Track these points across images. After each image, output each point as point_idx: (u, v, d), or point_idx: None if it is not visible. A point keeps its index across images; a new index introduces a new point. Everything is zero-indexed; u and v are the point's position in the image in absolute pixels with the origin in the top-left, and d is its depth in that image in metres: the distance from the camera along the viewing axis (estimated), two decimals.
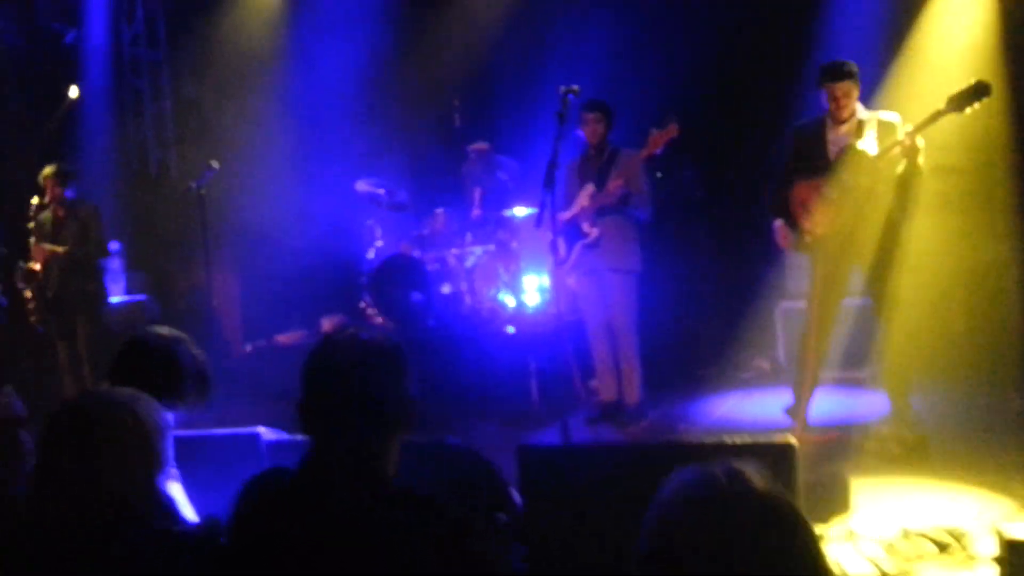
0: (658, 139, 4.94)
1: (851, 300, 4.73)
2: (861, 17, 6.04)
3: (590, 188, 5.24)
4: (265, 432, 3.58)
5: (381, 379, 1.66)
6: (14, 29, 7.65)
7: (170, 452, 1.88)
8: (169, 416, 1.89)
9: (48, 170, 5.97)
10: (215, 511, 1.95)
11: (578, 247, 5.25)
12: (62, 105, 7.92)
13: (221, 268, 7.65)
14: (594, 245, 5.20)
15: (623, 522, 2.49)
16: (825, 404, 4.65)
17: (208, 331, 5.51)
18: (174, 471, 2.44)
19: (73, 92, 8.02)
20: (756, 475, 1.12)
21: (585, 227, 5.24)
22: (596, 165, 5.30)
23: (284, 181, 7.55)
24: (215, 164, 5.20)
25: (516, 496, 3.12)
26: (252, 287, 8.02)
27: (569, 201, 5.35)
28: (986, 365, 5.62)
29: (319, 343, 1.70)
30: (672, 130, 4.89)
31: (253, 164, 7.53)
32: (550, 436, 4.94)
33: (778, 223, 4.57)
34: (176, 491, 2.38)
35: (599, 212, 5.19)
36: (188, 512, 2.38)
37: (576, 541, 2.62)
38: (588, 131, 5.23)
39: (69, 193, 5.98)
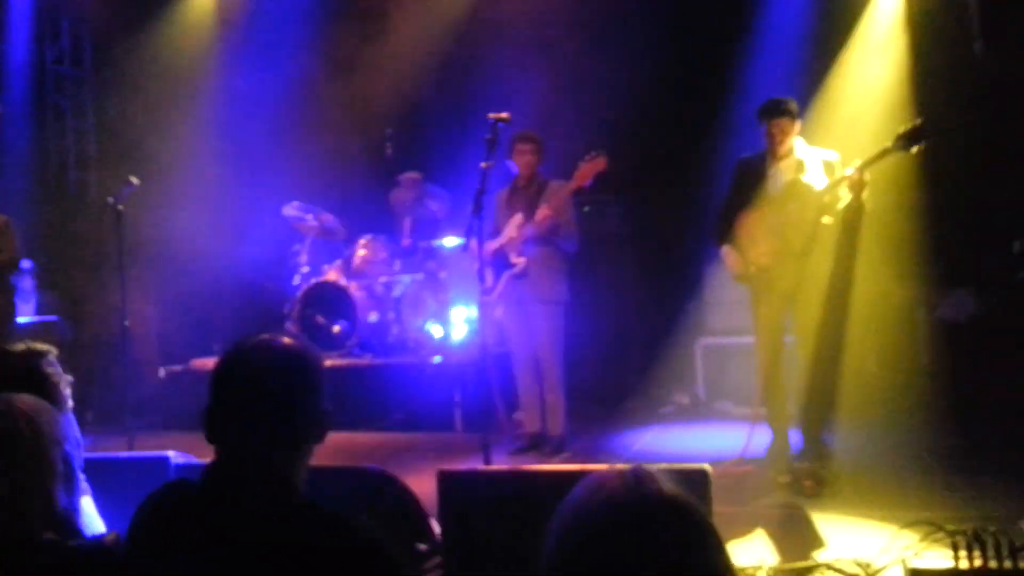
0: (586, 171, 4.99)
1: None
2: (782, 62, 6.27)
3: (519, 218, 5.27)
4: (175, 456, 3.48)
5: (293, 386, 1.60)
6: None
7: (75, 465, 1.80)
8: (72, 429, 1.82)
9: None
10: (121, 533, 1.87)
11: (505, 277, 5.27)
12: None
13: (138, 289, 7.41)
14: (521, 275, 5.22)
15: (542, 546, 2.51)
16: (740, 438, 4.71)
17: (121, 355, 5.30)
18: (85, 485, 2.35)
19: None
20: (663, 478, 1.10)
21: (513, 257, 5.26)
22: (526, 196, 5.33)
23: (208, 204, 7.40)
24: (135, 180, 5.06)
25: (435, 527, 3.08)
26: (170, 310, 7.79)
27: (497, 231, 5.37)
28: (896, 404, 5.81)
29: (231, 346, 1.64)
30: (599, 163, 4.96)
31: (176, 185, 7.36)
32: (472, 465, 4.89)
33: (725, 249, 4.58)
34: (86, 505, 2.29)
35: (527, 242, 5.22)
36: (96, 527, 2.28)
37: (496, 565, 2.60)
38: (520, 162, 5.28)
39: None
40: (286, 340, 1.66)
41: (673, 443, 5.45)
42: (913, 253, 6.06)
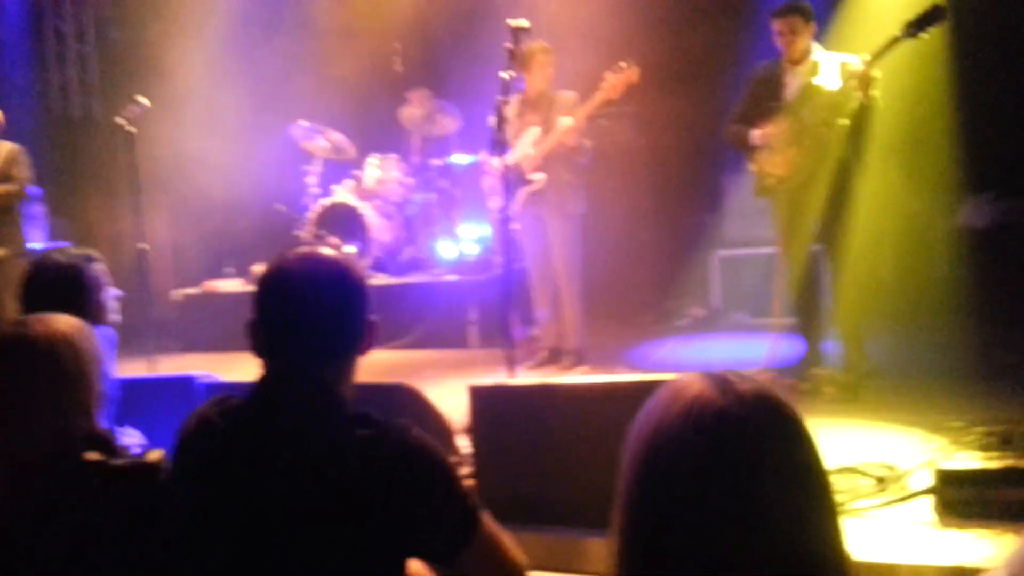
0: (617, 84, 4.79)
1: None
2: None
3: (536, 133, 5.13)
4: (200, 376, 3.49)
5: (339, 297, 1.58)
6: None
7: (109, 383, 1.80)
8: (107, 344, 1.81)
9: None
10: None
11: (523, 193, 5.15)
12: None
13: (151, 212, 7.38)
14: (540, 191, 5.11)
15: (579, 458, 2.52)
16: (758, 348, 4.70)
17: (136, 277, 5.29)
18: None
19: None
20: (743, 379, 1.05)
21: (530, 173, 5.14)
22: (539, 109, 5.16)
23: (217, 125, 7.27)
24: (144, 101, 4.95)
25: (460, 443, 3.11)
26: (183, 233, 7.75)
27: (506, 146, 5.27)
28: (913, 314, 5.80)
29: (280, 258, 1.60)
30: (632, 74, 4.75)
31: (183, 107, 7.22)
32: (493, 379, 4.92)
33: (754, 132, 4.43)
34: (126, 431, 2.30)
35: (546, 157, 5.08)
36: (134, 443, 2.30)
37: (527, 478, 2.62)
38: (541, 74, 5.09)
39: None
40: (326, 251, 1.64)
41: (692, 354, 5.47)
42: (933, 158, 5.94)
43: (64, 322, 1.72)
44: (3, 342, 1.66)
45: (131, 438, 2.35)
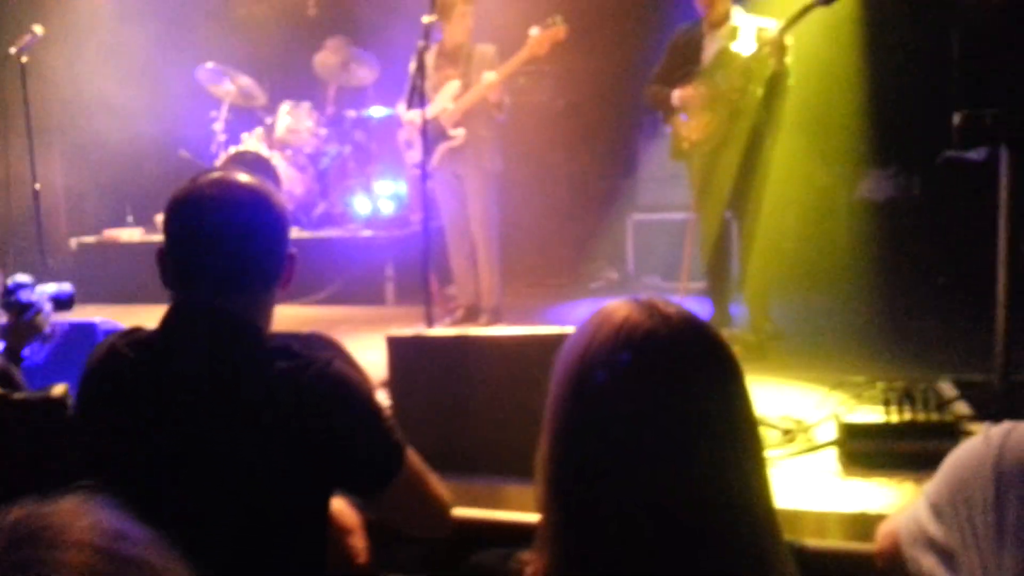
0: (543, 39, 4.69)
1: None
2: None
3: (455, 87, 5.03)
4: (101, 322, 3.35)
5: (257, 225, 1.49)
6: None
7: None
8: None
9: None
10: None
11: (442, 148, 5.05)
12: None
13: (45, 154, 6.95)
14: (458, 147, 5.01)
15: (496, 408, 2.52)
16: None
17: (29, 223, 5.00)
18: None
19: None
20: (669, 304, 1.06)
21: (450, 129, 5.03)
22: (457, 62, 5.03)
23: (117, 62, 6.87)
24: (39, 30, 4.64)
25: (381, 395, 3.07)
26: (80, 177, 7.34)
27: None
28: (815, 281, 6.02)
29: (194, 181, 1.51)
30: (559, 31, 4.68)
31: (82, 41, 6.79)
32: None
33: (675, 93, 4.45)
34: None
35: (465, 113, 4.97)
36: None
37: (445, 430, 2.61)
38: (461, 25, 4.95)
39: None
40: (244, 176, 1.54)
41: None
42: (837, 132, 6.14)
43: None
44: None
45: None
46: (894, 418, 2.64)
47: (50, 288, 2.31)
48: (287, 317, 5.73)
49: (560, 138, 6.56)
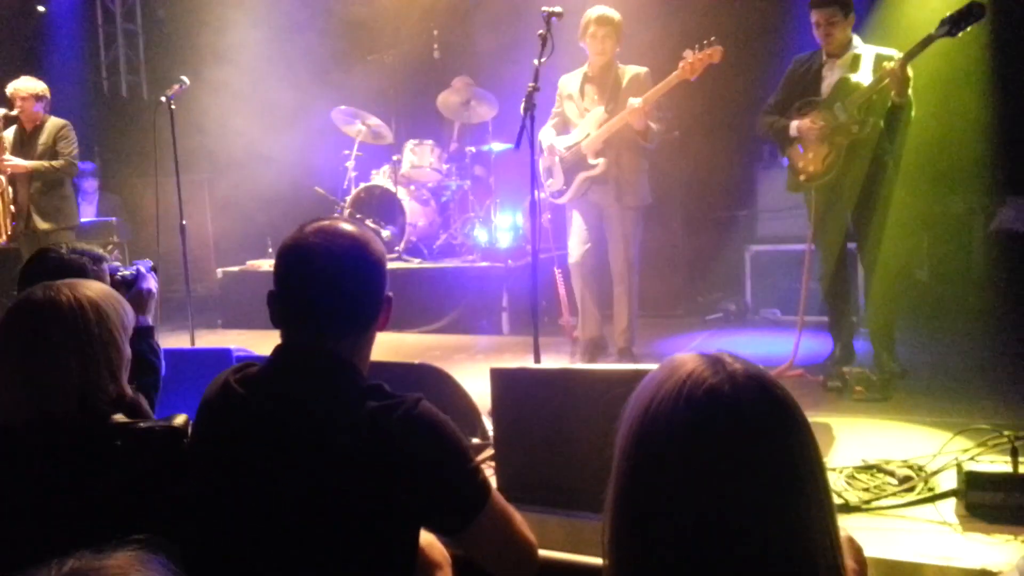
0: (697, 63, 4.39)
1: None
2: None
3: (599, 113, 4.70)
4: (236, 349, 3.60)
5: (355, 270, 1.60)
6: None
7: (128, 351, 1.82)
8: (131, 314, 1.83)
9: (21, 83, 5.80)
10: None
11: (580, 179, 4.75)
12: (30, 22, 7.67)
13: (195, 191, 7.53)
14: (600, 177, 4.70)
15: (594, 443, 2.55)
16: (789, 345, 4.68)
17: (179, 255, 5.42)
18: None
19: (40, 9, 7.77)
20: (737, 360, 1.06)
21: (591, 157, 4.70)
22: (603, 86, 4.74)
23: (260, 108, 7.40)
24: (186, 80, 5.06)
25: (486, 424, 3.16)
26: (226, 212, 7.91)
27: (566, 127, 4.88)
28: (947, 316, 5.74)
29: (300, 230, 1.62)
30: (715, 53, 4.40)
31: (227, 89, 7.36)
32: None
33: (792, 124, 4.40)
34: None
35: (607, 141, 4.67)
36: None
37: (545, 461, 2.66)
38: (595, 47, 4.67)
39: (39, 108, 5.83)
40: (347, 225, 1.65)
41: (723, 349, 5.44)
42: (971, 160, 5.85)
43: (92, 288, 1.76)
44: (33, 305, 1.69)
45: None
46: (1021, 469, 2.50)
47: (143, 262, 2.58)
48: (407, 344, 5.99)
49: (676, 170, 6.54)
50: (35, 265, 2.34)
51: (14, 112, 5.70)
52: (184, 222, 4.97)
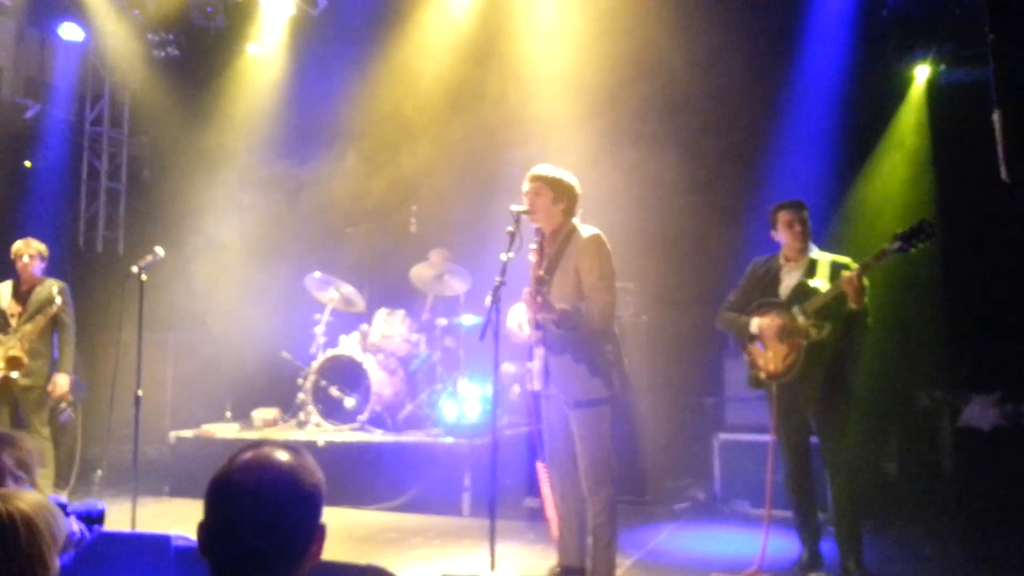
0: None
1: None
2: (807, 165, 6.32)
3: (529, 289, 3.96)
4: (177, 537, 3.42)
5: (284, 509, 1.55)
6: None
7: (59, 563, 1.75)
8: (66, 527, 1.78)
9: (30, 243, 6.02)
10: None
11: (534, 365, 4.10)
12: (16, 177, 7.85)
13: (156, 352, 7.44)
14: (544, 369, 4.02)
15: None
16: (757, 543, 4.55)
17: (131, 420, 5.27)
18: None
19: (27, 164, 7.97)
20: None
21: (533, 342, 4.07)
22: (548, 254, 4.10)
23: (230, 269, 7.46)
24: (160, 251, 5.11)
25: None
26: (186, 374, 7.79)
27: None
28: (919, 511, 5.66)
29: (230, 463, 1.59)
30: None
31: (199, 252, 7.45)
32: (479, 555, 4.75)
33: (753, 321, 4.48)
34: None
35: (538, 326, 4.03)
36: None
37: None
38: (531, 203, 4.05)
39: (40, 270, 5.97)
40: (279, 457, 1.61)
41: (688, 545, 5.27)
42: (932, 358, 5.97)
43: (26, 500, 1.71)
44: None
45: None
46: None
47: (78, 507, 2.47)
48: (364, 524, 5.76)
49: (644, 353, 6.59)
50: None
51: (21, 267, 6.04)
52: (140, 392, 4.86)
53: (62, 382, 5.95)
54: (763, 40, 6.76)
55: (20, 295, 6.02)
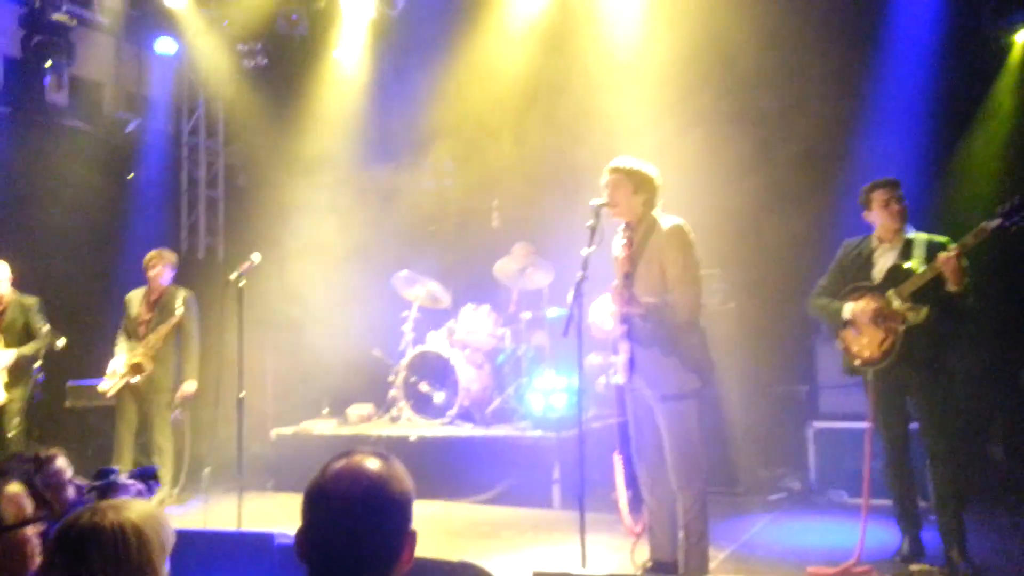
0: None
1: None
2: (898, 145, 6.09)
3: (615, 284, 3.98)
4: (280, 535, 3.57)
5: (375, 516, 1.63)
6: (85, 117, 8.08)
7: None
8: (173, 534, 1.87)
9: (162, 254, 6.43)
10: None
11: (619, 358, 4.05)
12: (121, 189, 8.28)
13: (256, 352, 7.74)
14: (630, 363, 3.98)
15: None
16: (855, 533, 4.43)
17: (236, 417, 5.52)
18: None
19: (130, 176, 8.40)
20: None
21: (619, 335, 4.02)
22: (631, 245, 4.06)
23: (323, 271, 7.72)
24: (256, 257, 5.31)
25: None
26: (285, 373, 8.11)
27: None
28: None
29: (323, 472, 1.67)
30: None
31: (295, 253, 7.71)
32: (569, 547, 4.78)
33: (846, 306, 4.37)
34: None
35: (624, 319, 3.99)
36: None
37: None
38: (609, 196, 4.03)
39: (169, 279, 6.46)
40: (369, 466, 1.67)
41: (783, 537, 5.18)
42: None
43: (135, 510, 1.81)
44: (76, 530, 1.75)
45: None
46: None
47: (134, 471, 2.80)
48: (457, 516, 5.88)
49: (732, 342, 6.48)
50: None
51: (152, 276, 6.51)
52: (242, 394, 5.08)
53: (188, 388, 6.35)
54: (841, 13, 6.53)
55: (150, 303, 6.38)
